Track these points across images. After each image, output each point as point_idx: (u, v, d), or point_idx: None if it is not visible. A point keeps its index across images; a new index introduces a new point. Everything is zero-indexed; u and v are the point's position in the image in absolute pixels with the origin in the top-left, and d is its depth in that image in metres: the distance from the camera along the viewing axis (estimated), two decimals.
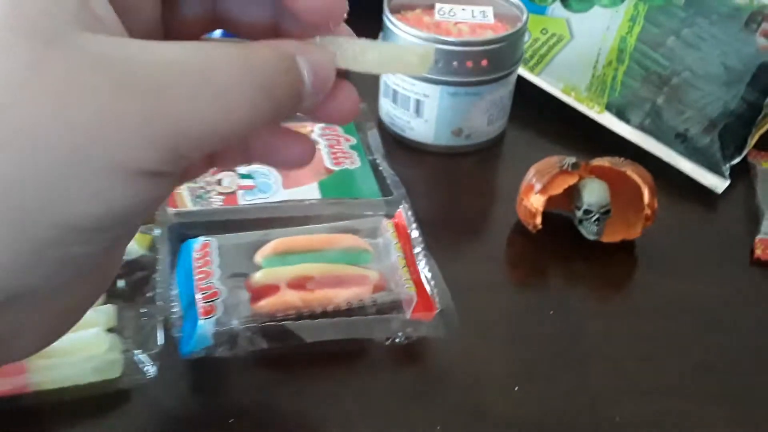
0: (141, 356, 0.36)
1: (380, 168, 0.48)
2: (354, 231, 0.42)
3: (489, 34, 0.51)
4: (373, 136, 0.52)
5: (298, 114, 0.22)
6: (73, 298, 0.20)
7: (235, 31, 0.23)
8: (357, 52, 0.23)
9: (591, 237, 0.45)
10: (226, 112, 0.19)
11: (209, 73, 0.19)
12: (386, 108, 0.55)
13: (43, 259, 0.17)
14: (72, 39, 0.17)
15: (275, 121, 0.22)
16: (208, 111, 0.18)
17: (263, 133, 0.25)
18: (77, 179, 0.17)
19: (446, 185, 0.51)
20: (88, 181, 0.17)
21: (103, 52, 0.17)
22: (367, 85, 0.56)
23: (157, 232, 0.41)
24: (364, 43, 0.23)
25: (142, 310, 0.39)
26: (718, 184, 0.50)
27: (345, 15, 0.23)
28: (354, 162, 0.48)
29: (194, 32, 0.24)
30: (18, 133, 0.16)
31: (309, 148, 0.25)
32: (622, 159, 0.45)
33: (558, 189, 0.44)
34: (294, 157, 0.25)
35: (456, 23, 0.52)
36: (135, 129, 0.17)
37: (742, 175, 0.52)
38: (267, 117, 0.20)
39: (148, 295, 0.40)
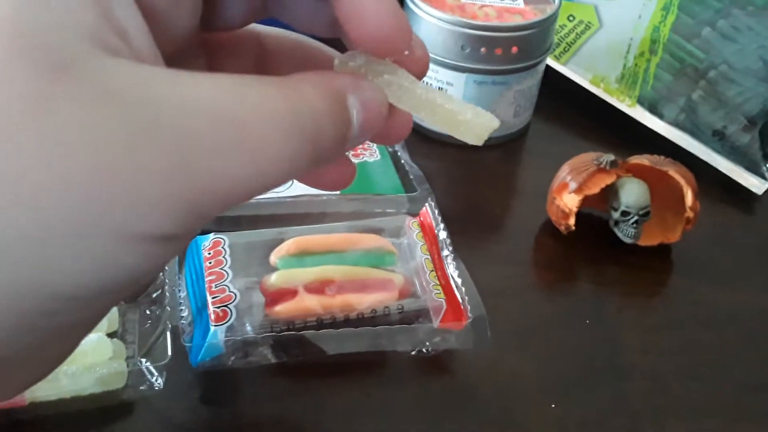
0: (147, 365, 0.33)
1: (402, 161, 0.45)
2: (377, 230, 0.39)
3: (518, 19, 0.48)
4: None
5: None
6: (63, 347, 0.17)
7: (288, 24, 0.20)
8: (412, 106, 0.20)
9: (628, 240, 0.42)
10: (261, 167, 0.16)
11: (246, 123, 0.15)
12: None
13: (33, 330, 0.14)
14: (86, 66, 0.14)
15: (313, 168, 0.19)
16: (240, 167, 0.15)
17: None
18: (74, 246, 0.14)
19: (469, 180, 0.48)
20: (88, 248, 0.14)
21: (122, 87, 0.14)
22: None
23: None
24: (425, 91, 0.20)
25: (147, 312, 0.36)
26: (758, 185, 0.47)
27: (410, 41, 0.20)
28: (373, 154, 0.45)
29: (239, 24, 0.21)
30: (3, 187, 0.13)
31: (350, 171, 0.22)
32: (663, 157, 0.42)
33: (594, 188, 0.41)
34: (332, 179, 0.22)
35: (482, 6, 0.49)
36: (151, 189, 0.14)
37: None
38: (306, 167, 0.17)
39: (153, 295, 0.37)
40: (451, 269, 0.37)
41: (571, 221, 0.42)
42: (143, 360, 0.33)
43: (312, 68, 0.19)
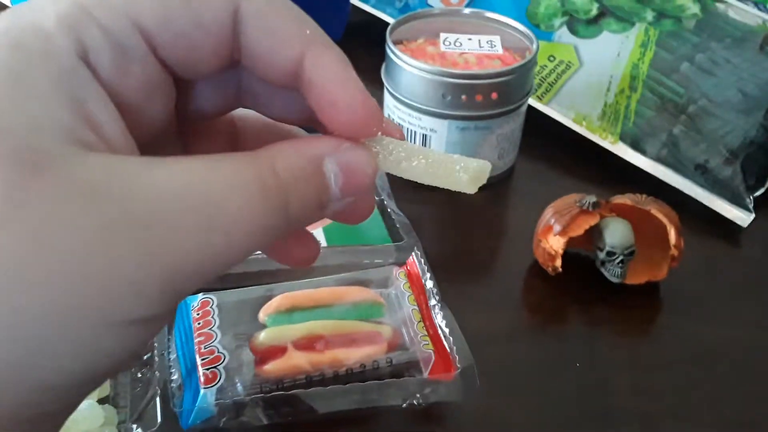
0: (138, 431, 0.33)
1: (389, 210, 0.46)
2: (364, 282, 0.39)
3: (497, 65, 0.49)
4: (379, 174, 0.49)
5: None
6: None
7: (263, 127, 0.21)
8: (402, 158, 0.20)
9: (615, 280, 0.42)
10: (233, 242, 0.17)
11: (216, 202, 0.16)
12: None
13: (14, 419, 0.15)
14: (60, 164, 0.15)
15: (288, 234, 0.19)
16: (213, 245, 0.16)
17: None
18: (54, 338, 0.14)
19: (456, 224, 0.49)
20: (67, 339, 0.14)
21: (97, 179, 0.15)
22: None
23: None
24: (412, 148, 0.20)
25: (138, 375, 0.36)
26: (743, 217, 0.48)
27: (381, 124, 0.20)
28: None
29: (213, 115, 0.22)
30: None
31: (313, 250, 0.23)
32: (644, 196, 0.43)
33: (578, 230, 0.42)
34: (297, 257, 0.23)
35: (462, 54, 0.50)
36: (125, 275, 0.15)
37: (765, 205, 0.50)
38: (280, 234, 0.18)
39: (144, 357, 0.37)
40: (439, 319, 0.38)
41: (558, 263, 0.42)
42: (134, 426, 0.33)
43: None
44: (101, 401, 0.35)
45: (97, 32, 0.17)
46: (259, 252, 0.20)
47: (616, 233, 0.41)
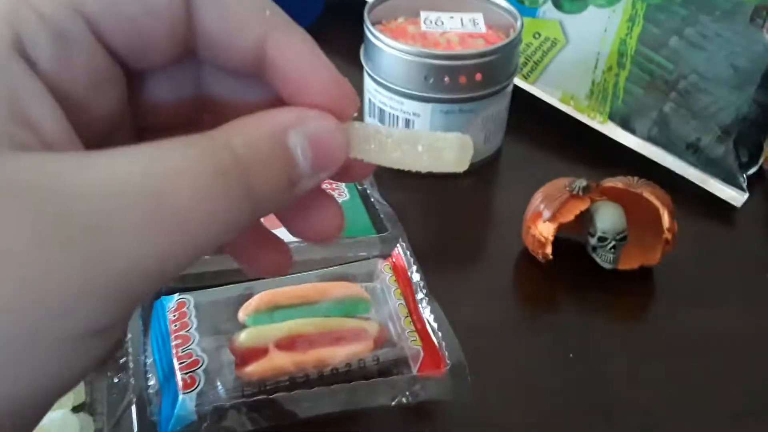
0: None
1: (372, 199, 0.44)
2: (348, 277, 0.38)
3: (481, 44, 0.47)
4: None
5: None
6: None
7: (230, 116, 0.19)
8: (380, 141, 0.19)
9: (607, 266, 0.41)
10: (187, 236, 0.15)
11: (163, 194, 0.14)
12: None
13: None
14: None
15: (256, 220, 0.17)
16: (164, 242, 0.14)
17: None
18: None
19: (443, 211, 0.47)
20: (11, 359, 0.13)
21: (26, 182, 0.13)
22: None
23: None
24: (389, 130, 0.19)
25: (114, 380, 0.34)
26: (736, 197, 0.46)
27: (357, 105, 0.19)
28: (342, 194, 0.43)
29: (180, 119, 0.20)
30: None
31: (285, 259, 0.21)
32: (636, 178, 0.42)
33: (569, 216, 0.40)
34: (267, 266, 0.21)
35: (443, 33, 0.48)
36: (66, 286, 0.13)
37: (759, 184, 0.48)
38: (247, 222, 0.16)
39: (120, 361, 0.35)
40: (427, 313, 0.36)
41: (548, 250, 0.41)
42: None
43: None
44: (76, 409, 0.33)
45: (34, 20, 0.15)
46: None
47: (608, 218, 0.40)
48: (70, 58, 0.16)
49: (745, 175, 0.47)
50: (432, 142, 0.19)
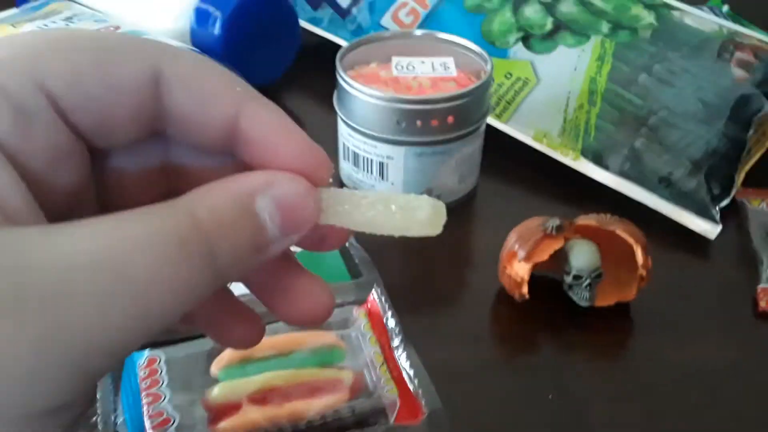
0: None
1: (347, 244, 0.44)
2: (323, 325, 0.37)
3: (452, 87, 0.48)
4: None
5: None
6: None
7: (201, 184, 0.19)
8: (354, 202, 0.19)
9: (584, 304, 0.41)
10: (150, 307, 0.15)
11: (123, 266, 0.14)
12: (347, 171, 0.50)
13: None
14: None
15: (221, 286, 0.17)
16: (125, 314, 0.14)
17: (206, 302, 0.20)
18: None
19: (419, 253, 0.47)
20: None
21: None
22: (325, 146, 0.51)
23: None
24: (363, 192, 0.19)
25: None
26: (710, 229, 0.47)
27: (331, 171, 0.19)
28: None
29: (149, 189, 0.20)
30: None
31: (256, 331, 0.21)
32: (609, 215, 0.42)
33: (543, 255, 0.40)
34: (237, 337, 0.21)
35: (415, 77, 0.48)
36: (22, 363, 0.13)
37: (732, 216, 0.49)
38: (207, 290, 0.16)
39: (92, 419, 0.35)
40: (403, 360, 0.36)
41: (524, 290, 0.41)
42: None
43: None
44: None
45: None
46: None
47: (582, 256, 0.40)
48: (31, 134, 0.16)
49: (717, 208, 0.47)
50: (406, 203, 0.20)
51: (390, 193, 0.20)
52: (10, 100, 0.16)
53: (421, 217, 0.20)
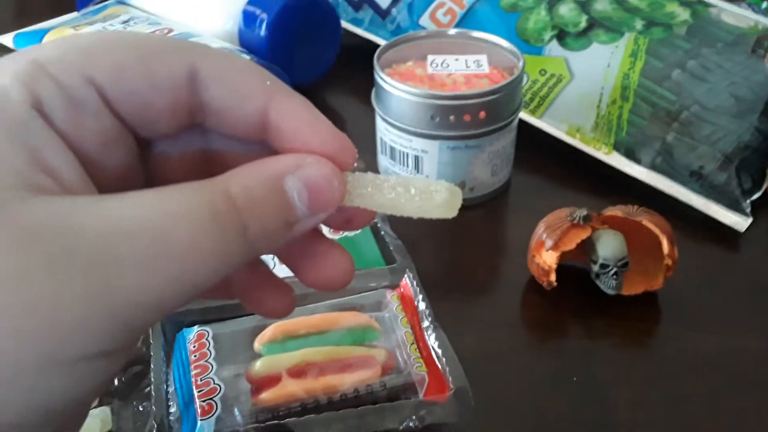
0: None
1: (382, 233, 0.46)
2: (357, 307, 0.40)
3: (485, 83, 0.49)
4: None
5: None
6: None
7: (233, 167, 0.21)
8: (377, 185, 0.21)
9: (610, 292, 0.42)
10: (186, 272, 0.17)
11: (165, 233, 0.16)
12: (385, 164, 0.53)
13: None
14: (10, 209, 0.15)
15: (254, 259, 0.19)
16: (164, 277, 0.16)
17: (241, 272, 0.22)
18: (5, 379, 0.15)
19: (452, 243, 0.49)
20: (20, 380, 0.15)
21: (41, 222, 0.15)
22: (364, 141, 0.54)
23: None
24: (384, 178, 0.21)
25: (139, 409, 0.37)
26: (740, 222, 0.47)
27: (355, 156, 0.21)
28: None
29: (192, 172, 0.22)
30: None
31: (288, 301, 0.23)
32: (636, 207, 0.43)
33: (570, 244, 0.42)
34: (270, 309, 0.23)
35: (450, 75, 0.50)
36: (72, 313, 0.15)
37: (763, 209, 0.49)
38: (243, 260, 0.18)
39: (146, 390, 0.38)
40: (432, 340, 0.38)
41: (552, 278, 0.42)
42: None
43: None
44: None
45: (50, 86, 0.18)
46: None
47: (608, 246, 0.41)
48: (81, 120, 0.19)
49: (748, 201, 0.48)
50: (425, 186, 0.21)
51: (410, 177, 0.22)
52: (63, 91, 0.18)
53: (439, 200, 0.21)
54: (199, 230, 0.17)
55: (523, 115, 0.55)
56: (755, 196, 0.48)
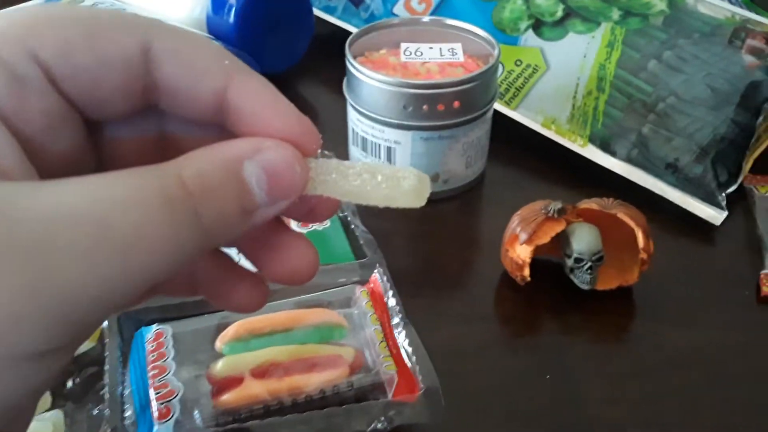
0: None
1: (352, 226, 0.45)
2: (325, 303, 0.38)
3: (460, 72, 0.48)
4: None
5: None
6: None
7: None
8: (341, 171, 0.19)
9: (585, 287, 0.41)
10: (134, 264, 0.15)
11: (110, 223, 0.15)
12: (356, 156, 0.51)
13: None
14: None
15: (209, 250, 0.18)
16: (109, 269, 0.15)
17: (205, 265, 0.21)
18: None
19: (426, 237, 0.48)
20: None
21: None
22: (336, 132, 0.53)
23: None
24: (350, 163, 0.20)
25: (93, 412, 0.35)
26: (715, 215, 0.47)
27: (319, 141, 0.19)
28: (323, 222, 0.44)
29: (144, 157, 0.20)
30: None
31: (259, 294, 0.21)
32: (612, 200, 0.42)
33: (545, 238, 0.41)
34: (242, 300, 0.22)
35: (424, 63, 0.49)
36: (9, 306, 0.14)
37: (739, 202, 0.49)
38: (199, 250, 0.17)
39: (101, 392, 0.36)
40: (401, 338, 0.36)
41: (526, 272, 0.41)
42: None
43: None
44: None
45: None
46: None
47: (583, 239, 0.40)
48: (24, 99, 0.17)
49: (724, 194, 0.47)
50: (392, 173, 0.20)
51: (377, 164, 0.20)
52: (4, 67, 0.17)
53: (407, 186, 0.20)
54: (147, 217, 0.16)
55: (498, 106, 0.54)
56: (731, 189, 0.48)
